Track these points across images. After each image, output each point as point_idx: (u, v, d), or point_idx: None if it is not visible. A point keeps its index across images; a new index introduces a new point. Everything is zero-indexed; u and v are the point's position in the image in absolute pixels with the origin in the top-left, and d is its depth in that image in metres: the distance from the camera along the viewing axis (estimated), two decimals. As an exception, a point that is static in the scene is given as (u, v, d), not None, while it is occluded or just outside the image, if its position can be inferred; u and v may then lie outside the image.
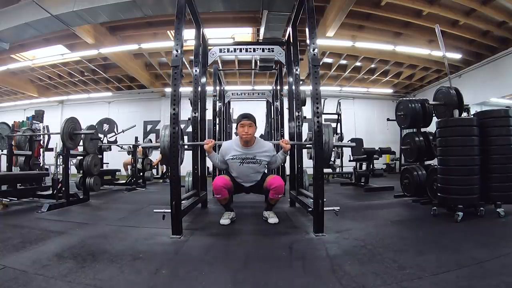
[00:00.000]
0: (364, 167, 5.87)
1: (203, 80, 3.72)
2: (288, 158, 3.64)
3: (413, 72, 9.46)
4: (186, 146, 2.87)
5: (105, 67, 9.18)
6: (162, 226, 2.27)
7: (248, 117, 2.55)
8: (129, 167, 6.90)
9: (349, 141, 7.97)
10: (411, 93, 11.29)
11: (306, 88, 4.48)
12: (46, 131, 6.17)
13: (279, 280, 1.41)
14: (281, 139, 5.26)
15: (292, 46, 3.55)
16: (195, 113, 3.47)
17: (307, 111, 3.04)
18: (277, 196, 2.55)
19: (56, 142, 6.10)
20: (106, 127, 11.22)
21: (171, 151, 2.26)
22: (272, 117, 5.94)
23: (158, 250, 1.87)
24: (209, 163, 4.72)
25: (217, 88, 5.25)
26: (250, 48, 3.96)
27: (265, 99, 6.87)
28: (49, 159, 6.41)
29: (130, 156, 6.70)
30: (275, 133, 5.87)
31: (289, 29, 3.67)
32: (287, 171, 3.76)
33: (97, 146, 4.65)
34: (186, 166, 3.51)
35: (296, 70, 3.45)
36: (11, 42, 6.21)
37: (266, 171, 2.75)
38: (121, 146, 7.20)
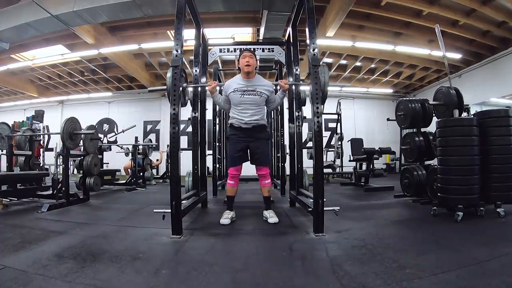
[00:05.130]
0: (364, 167, 5.88)
1: (203, 80, 3.72)
2: (288, 158, 3.65)
3: (413, 72, 9.46)
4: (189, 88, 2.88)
5: (105, 67, 9.18)
6: (162, 226, 2.27)
7: (249, 50, 2.71)
8: (129, 170, 6.90)
9: (349, 141, 7.97)
10: (411, 93, 11.29)
11: (306, 88, 4.48)
12: (46, 131, 6.17)
13: (279, 280, 1.41)
14: (281, 139, 5.31)
15: (292, 46, 3.55)
16: (195, 113, 3.47)
17: (307, 111, 3.04)
18: (265, 182, 2.71)
19: (56, 142, 6.12)
20: (106, 127, 11.23)
21: (172, 151, 2.26)
22: (272, 117, 5.93)
23: (158, 250, 1.87)
24: (209, 163, 4.75)
25: (217, 88, 5.24)
26: (250, 48, 3.96)
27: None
28: (49, 159, 6.43)
29: (130, 159, 6.70)
30: (275, 133, 5.87)
31: (289, 29, 3.67)
32: (287, 171, 3.76)
33: (97, 146, 4.65)
34: (186, 166, 3.52)
35: (296, 70, 3.45)
36: (11, 42, 6.22)
37: (266, 114, 2.83)
38: (121, 146, 7.21)
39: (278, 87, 2.77)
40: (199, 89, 3.54)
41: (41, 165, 5.40)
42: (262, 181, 2.72)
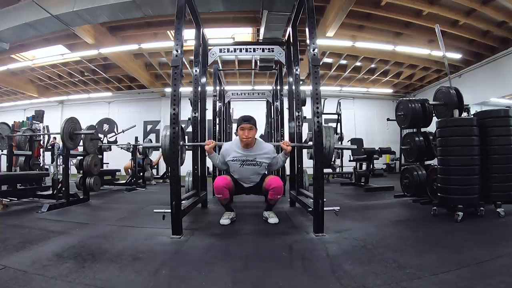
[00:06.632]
0: (364, 167, 5.88)
1: (203, 80, 3.72)
2: (288, 158, 3.64)
3: (413, 72, 9.46)
4: (186, 146, 2.88)
5: (105, 67, 9.18)
6: (162, 226, 2.27)
7: (248, 120, 2.55)
8: (129, 170, 6.90)
9: (349, 141, 7.98)
10: (411, 93, 11.29)
11: (306, 88, 4.48)
12: (46, 131, 6.17)
13: (279, 280, 1.41)
14: (281, 139, 5.30)
15: (292, 46, 3.55)
16: (195, 113, 3.47)
17: (307, 111, 3.04)
18: (276, 197, 2.55)
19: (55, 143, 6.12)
20: (106, 127, 11.22)
21: (171, 151, 2.26)
22: (272, 117, 5.94)
23: (158, 250, 1.87)
24: (209, 163, 4.73)
25: (217, 88, 5.25)
26: (250, 48, 3.96)
27: (265, 99, 6.88)
28: (49, 159, 6.43)
29: (130, 160, 6.69)
30: (275, 133, 5.87)
31: (289, 29, 3.67)
32: (287, 171, 3.76)
33: (97, 146, 4.65)
34: (186, 166, 3.51)
35: (296, 70, 3.45)
36: (11, 42, 6.21)
37: (266, 172, 2.76)
38: (120, 146, 7.20)
39: (281, 150, 2.66)
40: (199, 89, 3.54)
41: (41, 165, 5.40)
42: (273, 195, 2.53)
